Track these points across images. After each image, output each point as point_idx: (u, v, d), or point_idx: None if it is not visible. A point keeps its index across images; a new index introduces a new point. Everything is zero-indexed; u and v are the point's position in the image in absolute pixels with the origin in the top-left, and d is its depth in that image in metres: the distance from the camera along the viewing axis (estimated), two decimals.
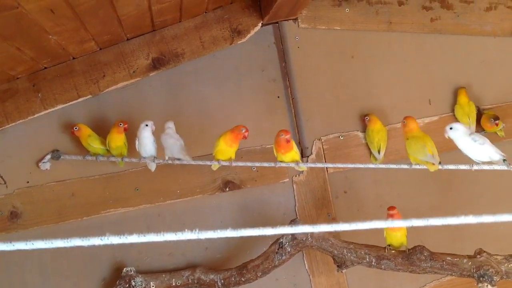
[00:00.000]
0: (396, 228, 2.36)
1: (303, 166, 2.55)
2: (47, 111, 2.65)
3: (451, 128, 2.37)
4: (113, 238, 1.15)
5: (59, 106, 2.66)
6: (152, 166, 2.61)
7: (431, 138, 2.43)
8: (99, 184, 2.72)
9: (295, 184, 2.83)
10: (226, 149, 2.45)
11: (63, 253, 2.65)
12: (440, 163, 2.39)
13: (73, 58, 2.66)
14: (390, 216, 2.35)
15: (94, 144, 2.58)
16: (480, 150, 2.34)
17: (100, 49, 2.69)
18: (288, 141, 2.41)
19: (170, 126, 2.58)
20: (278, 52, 2.91)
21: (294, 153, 2.46)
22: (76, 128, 2.59)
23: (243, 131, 2.41)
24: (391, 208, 2.38)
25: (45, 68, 2.64)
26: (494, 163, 2.36)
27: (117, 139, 2.56)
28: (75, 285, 2.69)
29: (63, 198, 2.69)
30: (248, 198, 2.83)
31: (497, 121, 2.79)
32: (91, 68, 2.68)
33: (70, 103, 2.67)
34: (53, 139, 2.69)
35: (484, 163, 2.39)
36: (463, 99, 2.87)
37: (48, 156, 2.65)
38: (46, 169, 2.67)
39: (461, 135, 2.34)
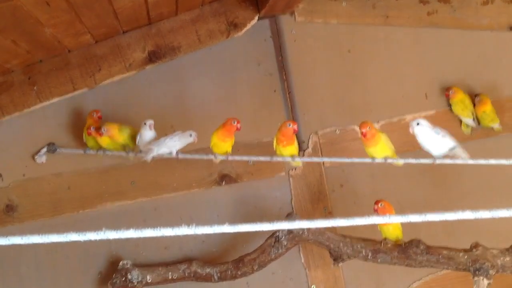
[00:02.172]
0: None
1: (298, 161, 2.54)
2: (42, 104, 2.64)
3: (418, 124, 2.35)
4: (109, 233, 1.15)
5: (55, 99, 2.65)
6: (148, 157, 2.60)
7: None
8: (95, 177, 2.72)
9: (292, 178, 2.83)
10: (220, 143, 2.44)
11: (59, 246, 2.64)
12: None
13: (69, 51, 2.65)
14: (375, 211, 2.36)
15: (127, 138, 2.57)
16: (441, 143, 2.34)
17: (96, 42, 2.67)
18: (295, 131, 2.40)
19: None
20: (274, 45, 2.90)
21: (293, 147, 2.45)
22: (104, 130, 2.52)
23: (235, 123, 2.40)
24: (376, 202, 2.39)
25: (41, 61, 2.63)
26: (453, 155, 2.37)
27: (108, 142, 2.55)
28: (71, 278, 2.69)
29: (59, 191, 2.69)
30: (245, 192, 2.82)
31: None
32: (87, 61, 2.67)
33: (66, 96, 2.66)
34: (49, 132, 2.68)
35: (445, 156, 2.39)
36: (461, 94, 2.86)
37: (44, 149, 2.64)
38: (42, 162, 2.66)
39: (426, 129, 2.34)
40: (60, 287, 2.69)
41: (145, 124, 2.50)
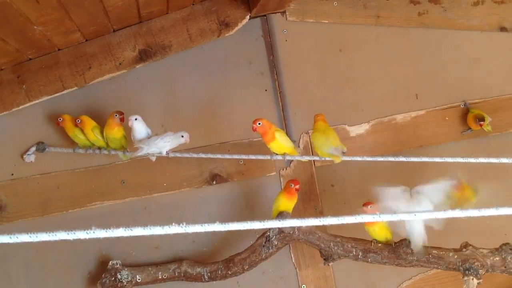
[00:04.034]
0: (371, 222, 2.36)
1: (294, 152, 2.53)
2: (31, 103, 2.62)
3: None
4: (99, 231, 1.14)
5: (44, 98, 2.63)
6: (153, 157, 2.58)
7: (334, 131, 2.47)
8: (85, 176, 2.70)
9: (282, 178, 2.83)
10: (288, 203, 2.48)
11: (48, 246, 2.63)
12: (344, 153, 2.43)
13: (58, 50, 2.64)
14: (363, 212, 2.36)
15: (100, 136, 2.53)
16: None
17: (86, 40, 2.66)
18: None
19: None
20: (266, 45, 2.90)
21: (277, 142, 2.44)
22: (78, 121, 2.52)
23: (292, 186, 2.45)
24: (365, 204, 2.38)
25: (30, 59, 2.61)
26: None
27: (115, 132, 2.51)
28: (60, 278, 2.67)
29: (48, 191, 2.67)
30: (235, 191, 2.82)
31: (481, 122, 2.79)
32: (77, 59, 2.66)
33: (55, 94, 2.65)
34: (38, 131, 2.66)
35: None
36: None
37: (33, 148, 2.62)
38: (31, 161, 2.64)
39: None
40: (50, 287, 2.67)
41: (135, 119, 2.48)
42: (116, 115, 2.48)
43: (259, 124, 2.36)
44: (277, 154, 2.47)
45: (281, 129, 2.47)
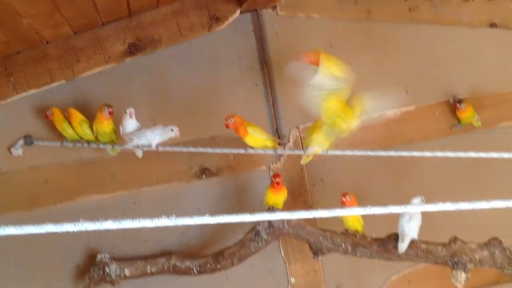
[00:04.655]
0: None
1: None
2: (19, 96, 2.61)
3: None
4: (87, 224, 1.13)
5: (32, 91, 2.62)
6: (139, 153, 2.58)
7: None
8: (73, 170, 2.69)
9: (272, 172, 2.82)
10: (275, 197, 2.52)
11: (37, 239, 2.61)
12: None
13: (47, 43, 2.62)
14: (343, 203, 2.41)
15: (88, 130, 2.52)
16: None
17: (75, 33, 2.64)
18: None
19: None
20: (256, 40, 2.89)
21: (251, 136, 2.45)
22: (66, 114, 2.52)
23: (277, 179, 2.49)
24: (344, 194, 2.43)
25: (18, 52, 2.59)
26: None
27: (105, 125, 2.49)
28: (49, 271, 2.66)
29: (36, 185, 2.65)
30: (225, 186, 2.82)
31: (458, 105, 2.85)
32: (66, 53, 2.64)
33: (44, 88, 2.63)
34: (26, 124, 2.64)
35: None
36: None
37: (21, 142, 2.60)
38: (19, 154, 2.62)
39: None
40: (38, 280, 2.66)
41: (125, 112, 2.47)
42: (105, 108, 2.46)
43: (231, 120, 2.39)
44: (253, 148, 2.50)
45: (254, 124, 2.49)
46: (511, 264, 2.29)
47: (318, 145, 2.37)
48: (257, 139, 2.45)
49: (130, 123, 2.48)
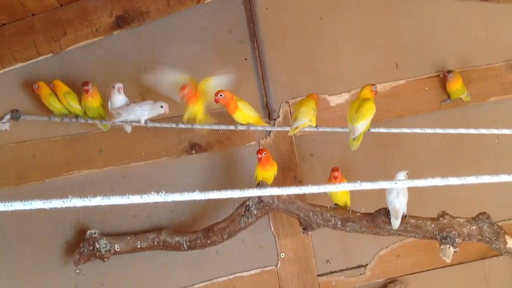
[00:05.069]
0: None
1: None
2: (5, 70, 2.58)
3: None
4: (76, 200, 1.11)
5: (18, 65, 2.59)
6: (128, 128, 2.55)
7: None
8: (61, 145, 2.66)
9: (262, 147, 2.81)
10: (263, 173, 2.49)
11: (25, 215, 2.57)
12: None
13: (32, 15, 2.57)
14: (335, 178, 2.39)
15: (73, 103, 2.49)
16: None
17: (61, 5, 2.59)
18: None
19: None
20: (246, 12, 2.85)
21: (241, 111, 2.44)
22: (51, 85, 2.49)
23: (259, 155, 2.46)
24: (335, 169, 2.41)
25: (3, 24, 2.55)
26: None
27: (90, 101, 2.46)
28: (38, 248, 2.66)
29: (24, 160, 2.62)
30: (215, 161, 2.81)
31: (446, 74, 2.84)
32: (52, 25, 2.59)
33: (30, 61, 2.59)
34: (13, 99, 2.62)
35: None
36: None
37: (7, 116, 2.57)
38: (5, 129, 2.60)
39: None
40: (27, 256, 2.66)
41: (113, 88, 2.45)
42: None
43: (221, 95, 2.37)
44: (242, 124, 2.48)
45: (244, 100, 2.47)
46: (499, 239, 2.32)
47: (306, 118, 2.36)
48: (246, 115, 2.44)
49: (118, 99, 2.45)
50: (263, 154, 2.45)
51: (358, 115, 2.31)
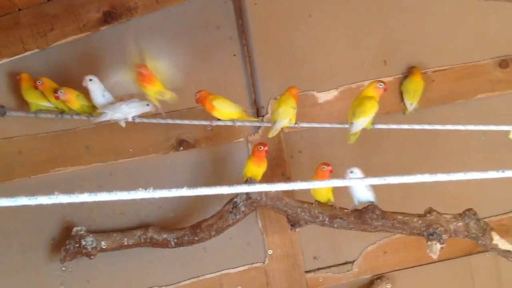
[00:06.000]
0: None
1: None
2: None
3: (351, 172, 2.40)
4: (62, 197, 1.10)
5: (4, 60, 2.55)
6: (122, 123, 2.52)
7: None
8: (47, 141, 2.65)
9: (250, 144, 2.81)
10: (255, 169, 2.46)
11: (10, 212, 2.58)
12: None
13: (19, 10, 2.54)
14: (330, 172, 2.41)
15: (84, 102, 2.47)
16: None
17: (48, 0, 2.56)
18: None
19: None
20: (234, 9, 2.84)
21: (218, 110, 2.43)
22: (39, 83, 2.46)
23: (262, 148, 2.43)
24: (326, 164, 2.42)
25: None
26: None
27: (71, 104, 2.44)
28: (23, 245, 2.64)
29: (9, 156, 2.60)
30: (203, 158, 2.80)
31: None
32: (38, 20, 2.56)
33: (16, 57, 2.56)
34: None
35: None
36: (418, 77, 2.87)
37: None
38: None
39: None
40: (13, 253, 2.64)
41: (91, 80, 2.42)
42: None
43: (197, 95, 2.37)
44: (220, 119, 2.48)
45: (220, 96, 2.45)
46: (485, 235, 2.33)
47: (285, 119, 2.36)
48: (225, 112, 2.43)
49: (95, 89, 2.42)
50: (266, 147, 2.44)
51: (359, 112, 2.32)
